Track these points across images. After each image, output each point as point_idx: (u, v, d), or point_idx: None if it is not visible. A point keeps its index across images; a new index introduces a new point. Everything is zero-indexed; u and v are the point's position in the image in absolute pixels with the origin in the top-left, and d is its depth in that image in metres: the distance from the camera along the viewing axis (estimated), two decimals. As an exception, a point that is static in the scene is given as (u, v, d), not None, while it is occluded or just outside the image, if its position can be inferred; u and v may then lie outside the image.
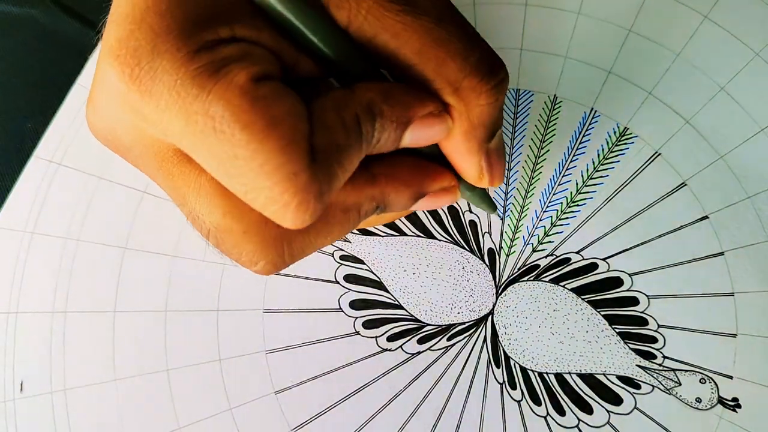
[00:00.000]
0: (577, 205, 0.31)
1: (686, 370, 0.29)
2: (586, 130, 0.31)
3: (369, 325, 0.30)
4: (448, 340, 0.30)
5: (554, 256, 0.30)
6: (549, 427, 0.29)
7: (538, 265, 0.30)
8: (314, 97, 0.20)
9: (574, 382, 0.29)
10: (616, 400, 0.29)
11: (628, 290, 0.30)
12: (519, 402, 0.29)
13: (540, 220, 0.31)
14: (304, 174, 0.18)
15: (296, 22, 0.19)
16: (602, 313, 0.30)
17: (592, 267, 0.30)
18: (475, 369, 0.29)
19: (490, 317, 0.30)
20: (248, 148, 0.17)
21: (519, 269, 0.30)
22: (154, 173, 0.21)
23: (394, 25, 0.20)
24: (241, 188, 0.18)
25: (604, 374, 0.29)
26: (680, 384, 0.29)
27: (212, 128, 0.18)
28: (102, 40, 0.19)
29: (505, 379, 0.29)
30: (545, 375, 0.29)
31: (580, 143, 0.31)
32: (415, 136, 0.22)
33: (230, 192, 0.19)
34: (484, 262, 0.30)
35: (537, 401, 0.29)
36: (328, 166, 0.19)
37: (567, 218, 0.31)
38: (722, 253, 0.30)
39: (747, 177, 0.30)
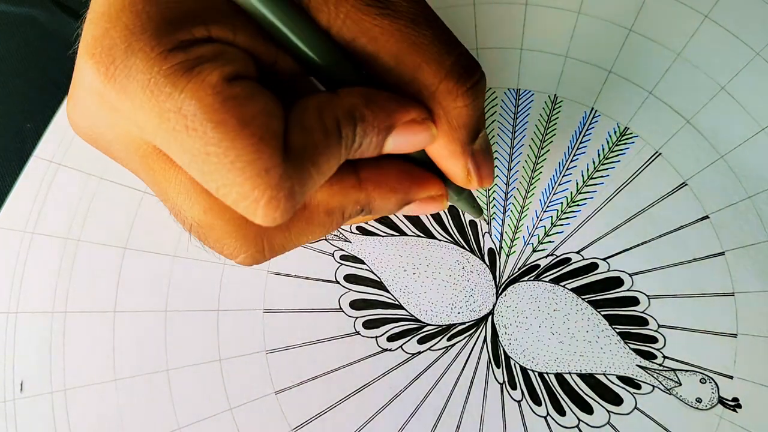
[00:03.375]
0: (578, 205, 0.31)
1: (686, 370, 0.29)
2: (587, 130, 0.31)
3: (369, 325, 0.30)
4: (449, 340, 0.30)
5: (554, 256, 0.30)
6: (549, 427, 0.29)
7: (539, 265, 0.30)
8: (296, 97, 0.20)
9: (575, 382, 0.29)
10: (617, 400, 0.29)
11: (628, 290, 0.30)
12: (519, 402, 0.29)
13: (540, 220, 0.31)
14: (275, 171, 0.18)
15: (278, 23, 0.19)
16: (602, 313, 0.30)
17: (592, 267, 0.30)
18: (476, 369, 0.29)
19: (490, 317, 0.30)
20: (220, 146, 0.18)
21: (519, 269, 0.30)
22: (137, 169, 0.22)
23: (371, 29, 0.20)
24: (213, 185, 0.19)
25: (604, 374, 0.29)
26: (680, 384, 0.29)
27: (185, 126, 0.18)
28: (80, 39, 0.19)
29: (506, 379, 0.29)
30: (545, 375, 0.29)
31: (580, 143, 0.31)
32: (398, 143, 0.22)
33: None
34: (485, 262, 0.30)
35: (537, 401, 0.29)
36: (301, 166, 0.19)
37: (567, 218, 0.30)
38: (723, 253, 0.30)
39: (747, 177, 0.30)
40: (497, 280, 0.30)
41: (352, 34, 0.20)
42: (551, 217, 0.31)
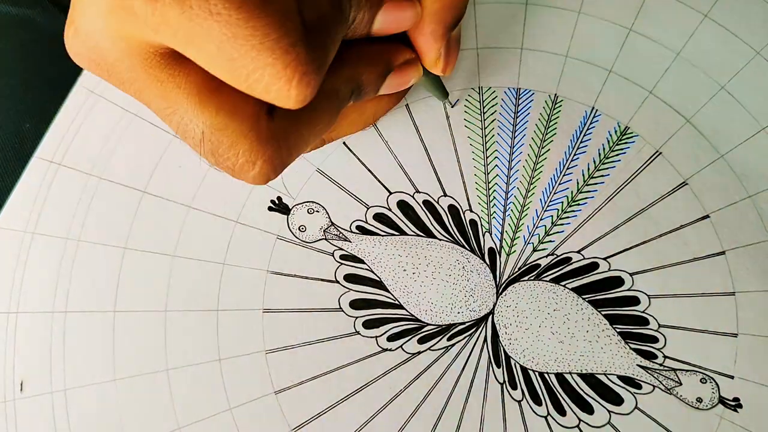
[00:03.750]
0: (578, 205, 0.31)
1: (687, 370, 0.29)
2: (587, 129, 0.31)
3: (369, 324, 0.30)
4: (449, 339, 0.30)
5: (555, 256, 0.30)
6: (549, 427, 0.29)
7: (539, 265, 0.30)
8: None
9: (575, 381, 0.29)
10: (617, 400, 0.29)
11: (628, 290, 0.30)
12: (519, 402, 0.29)
13: (541, 219, 0.31)
14: (301, 46, 0.19)
15: None
16: (603, 312, 0.30)
17: (592, 266, 0.30)
18: (476, 369, 0.29)
19: (490, 317, 0.30)
20: (247, 26, 0.18)
21: (519, 269, 0.30)
22: (141, 86, 0.21)
23: None
24: (243, 71, 0.19)
25: (604, 374, 0.29)
26: (681, 384, 0.29)
27: (208, 11, 0.18)
28: None
29: (506, 379, 0.29)
30: (546, 375, 0.29)
31: (580, 142, 0.31)
32: (387, 20, 0.23)
33: (222, 88, 0.20)
34: (485, 262, 0.30)
35: (537, 401, 0.29)
36: (320, 38, 0.20)
37: (568, 217, 0.30)
38: (723, 253, 0.30)
39: (748, 176, 0.30)
40: (497, 279, 0.30)
41: None
42: (552, 216, 0.31)
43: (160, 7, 0.18)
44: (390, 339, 0.30)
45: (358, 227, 0.31)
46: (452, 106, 0.32)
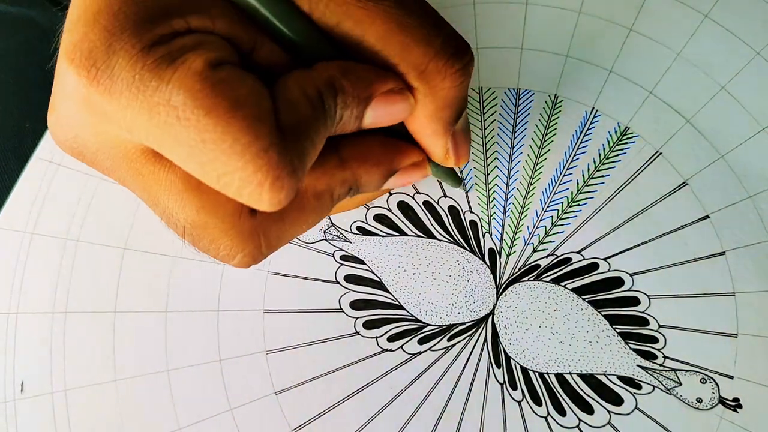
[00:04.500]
0: (578, 205, 0.31)
1: (687, 370, 0.29)
2: (587, 130, 0.31)
3: (369, 325, 0.30)
4: (449, 340, 0.30)
5: (555, 256, 0.30)
6: (550, 428, 0.29)
7: (539, 265, 0.30)
8: (276, 79, 0.20)
9: (575, 382, 0.29)
10: (617, 401, 0.29)
11: (628, 290, 0.30)
12: (520, 402, 0.29)
13: (541, 219, 0.31)
14: (274, 150, 0.18)
15: (260, 7, 0.20)
16: (603, 313, 0.30)
17: (592, 267, 0.30)
18: (476, 369, 0.29)
19: (490, 317, 0.30)
20: (215, 131, 0.17)
21: (520, 269, 0.30)
22: (124, 176, 0.21)
23: (356, 12, 0.20)
24: (214, 174, 0.18)
25: (604, 374, 0.29)
26: (681, 384, 0.29)
27: (176, 117, 0.18)
28: (59, 48, 0.19)
29: (506, 380, 0.29)
30: (546, 375, 0.29)
31: (580, 143, 0.31)
32: (378, 115, 0.22)
33: (202, 187, 0.20)
34: (485, 262, 0.30)
35: (538, 401, 0.29)
36: (297, 141, 0.19)
37: (568, 218, 0.30)
38: (723, 253, 0.30)
39: (748, 176, 0.30)
40: (497, 280, 0.30)
41: (336, 19, 0.20)
42: (552, 216, 0.31)
43: (130, 114, 0.18)
44: (390, 339, 0.30)
45: (358, 228, 0.31)
46: (466, 192, 0.31)
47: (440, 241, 0.31)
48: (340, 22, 0.20)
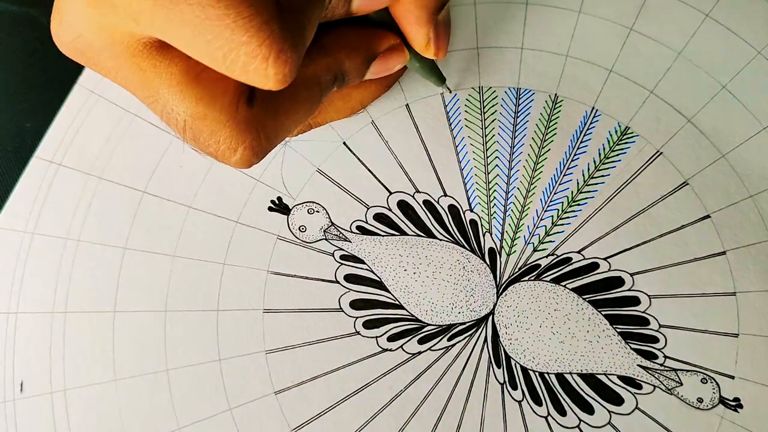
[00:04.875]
0: (578, 205, 0.30)
1: (688, 370, 0.29)
2: (588, 129, 0.31)
3: (369, 325, 0.30)
4: (449, 340, 0.30)
5: (555, 256, 0.30)
6: (550, 428, 0.28)
7: (539, 265, 0.30)
8: None
9: (575, 382, 0.29)
10: (617, 401, 0.29)
11: (629, 290, 0.30)
12: (520, 402, 0.29)
13: (541, 219, 0.30)
14: (275, 23, 0.19)
15: None
16: (603, 312, 0.29)
17: (593, 267, 0.30)
18: (476, 369, 0.29)
19: (490, 317, 0.30)
20: (218, 6, 0.18)
21: (520, 269, 0.30)
22: (125, 74, 0.22)
23: None
24: (219, 53, 0.19)
25: (605, 374, 0.29)
26: (681, 384, 0.29)
27: None
28: None
29: (506, 379, 0.29)
30: (546, 375, 0.29)
31: (581, 142, 0.31)
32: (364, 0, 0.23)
33: (201, 77, 0.20)
34: (485, 262, 0.30)
35: (538, 401, 0.29)
36: (295, 17, 0.20)
37: (568, 218, 0.30)
38: (724, 253, 0.30)
39: (749, 176, 0.30)
40: (498, 279, 0.30)
41: None
42: (552, 216, 0.30)
43: None
44: (390, 339, 0.30)
45: (358, 227, 0.31)
46: (450, 92, 0.31)
47: (440, 240, 0.31)
48: None
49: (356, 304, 0.30)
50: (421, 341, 0.30)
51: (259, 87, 0.20)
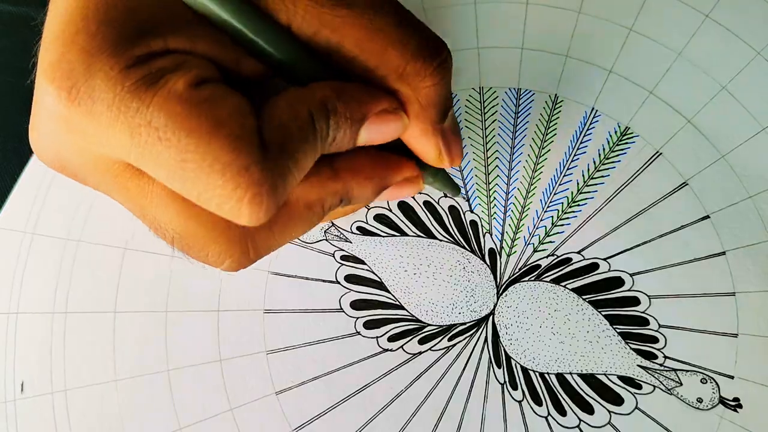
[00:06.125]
0: (578, 205, 0.31)
1: (687, 370, 0.29)
2: (587, 130, 0.31)
3: (370, 325, 0.30)
4: (449, 340, 0.30)
5: (555, 256, 0.30)
6: (550, 427, 0.29)
7: (539, 265, 0.30)
8: (263, 99, 0.20)
9: (575, 382, 0.29)
10: (617, 401, 0.29)
11: (629, 290, 0.30)
12: (520, 402, 0.29)
13: (541, 220, 0.31)
14: (255, 168, 0.18)
15: (237, 24, 0.20)
16: (603, 313, 0.30)
17: (593, 267, 0.30)
18: (476, 369, 0.29)
19: (491, 317, 0.30)
20: (197, 152, 0.18)
21: (520, 269, 0.30)
22: (110, 190, 0.21)
23: (331, 21, 0.20)
24: (195, 192, 0.18)
25: (605, 374, 0.29)
26: (681, 384, 0.29)
27: (157, 138, 0.18)
28: (37, 65, 0.19)
29: (506, 380, 0.29)
30: (546, 375, 0.29)
31: (580, 143, 0.31)
32: (372, 134, 0.22)
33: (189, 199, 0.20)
34: (485, 263, 0.30)
35: (538, 401, 0.29)
36: (280, 161, 0.19)
37: (568, 218, 0.30)
38: (724, 253, 0.30)
39: (748, 176, 0.30)
40: (498, 280, 0.30)
41: (313, 28, 0.20)
42: (552, 217, 0.31)
43: (111, 133, 0.18)
44: (391, 339, 0.30)
45: (358, 228, 0.31)
46: (468, 201, 0.31)
47: (441, 241, 0.31)
48: (317, 31, 0.20)
49: (357, 305, 0.30)
50: (421, 341, 0.30)
51: (234, 222, 0.19)
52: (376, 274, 0.30)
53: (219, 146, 0.18)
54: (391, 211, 0.31)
